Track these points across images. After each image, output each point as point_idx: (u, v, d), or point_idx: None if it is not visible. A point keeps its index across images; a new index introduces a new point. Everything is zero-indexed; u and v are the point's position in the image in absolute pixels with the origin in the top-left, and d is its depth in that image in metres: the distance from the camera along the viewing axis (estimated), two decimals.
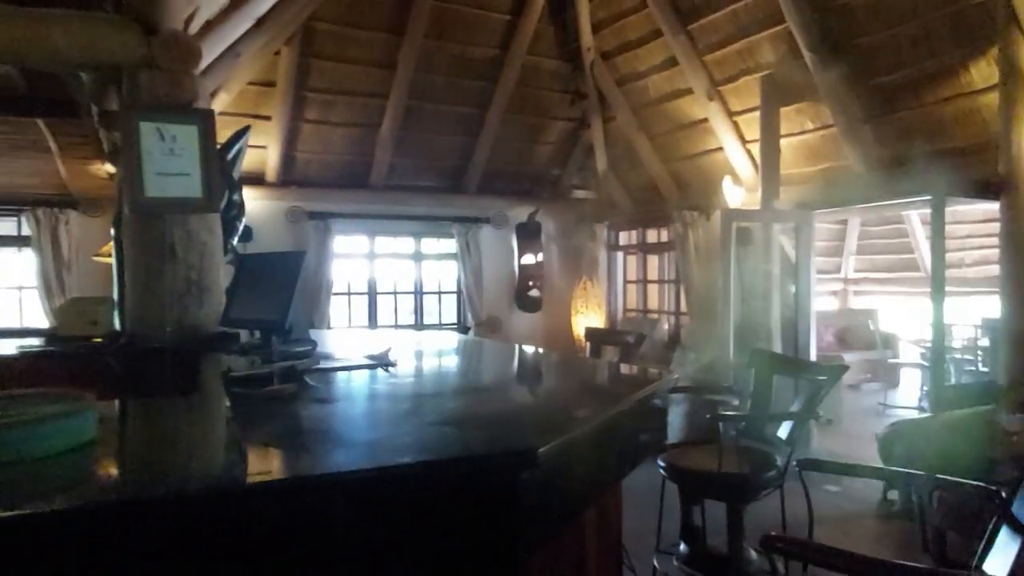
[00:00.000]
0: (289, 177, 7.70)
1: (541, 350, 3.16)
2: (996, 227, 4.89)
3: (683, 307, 7.60)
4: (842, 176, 6.00)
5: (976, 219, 9.78)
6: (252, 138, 7.48)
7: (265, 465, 1.15)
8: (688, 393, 5.98)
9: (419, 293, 8.49)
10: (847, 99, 5.61)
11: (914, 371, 9.45)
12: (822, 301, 11.84)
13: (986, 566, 1.30)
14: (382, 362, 2.17)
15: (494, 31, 7.52)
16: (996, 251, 5.34)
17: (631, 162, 8.17)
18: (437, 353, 2.98)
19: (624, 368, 2.84)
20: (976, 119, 4.99)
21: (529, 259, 8.69)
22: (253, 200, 7.42)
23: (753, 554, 2.98)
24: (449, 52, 7.50)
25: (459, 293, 8.54)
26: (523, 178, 8.81)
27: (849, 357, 9.59)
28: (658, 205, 7.77)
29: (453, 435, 1.27)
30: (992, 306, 10.05)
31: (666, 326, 7.79)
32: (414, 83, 7.40)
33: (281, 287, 2.41)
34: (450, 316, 8.87)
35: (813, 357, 6.30)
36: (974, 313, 10.01)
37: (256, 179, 7.49)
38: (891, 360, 9.43)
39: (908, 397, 8.99)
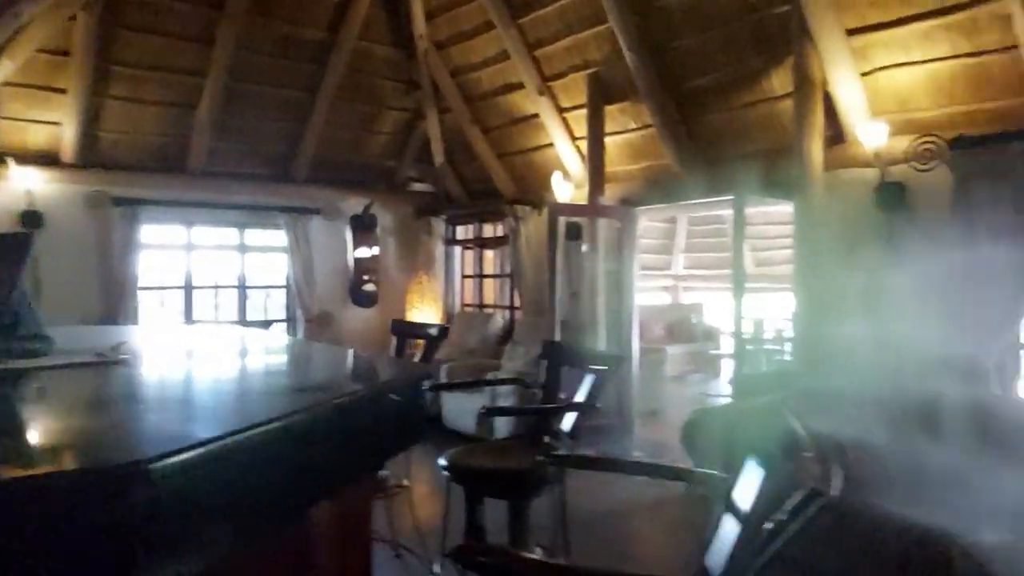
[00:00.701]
0: (91, 158, 6.89)
1: (306, 343, 2.93)
2: None
3: (517, 302, 7.62)
4: (662, 175, 6.23)
5: (785, 220, 10.63)
6: (43, 112, 6.67)
7: None
8: (516, 387, 5.96)
9: (243, 287, 7.92)
10: (664, 100, 5.81)
11: (731, 362, 10.11)
12: (653, 296, 12.44)
13: (708, 556, 1.26)
14: (107, 359, 1.86)
15: (324, 12, 7.14)
16: None
17: (467, 155, 8.08)
18: (188, 351, 2.65)
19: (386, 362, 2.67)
20: (776, 124, 5.32)
21: (364, 252, 8.37)
22: (45, 183, 6.59)
23: (540, 552, 2.93)
24: (275, 31, 7.04)
25: (288, 287, 8.06)
26: (357, 168, 8.47)
27: (674, 349, 10.12)
28: (494, 200, 7.73)
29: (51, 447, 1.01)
30: None
31: (500, 321, 7.78)
32: (236, 62, 6.87)
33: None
34: (279, 311, 8.36)
35: (636, 350, 6.51)
36: (788, 307, 10.90)
37: (48, 159, 6.65)
38: (712, 352, 10.03)
39: (727, 386, 9.60)
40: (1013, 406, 3.94)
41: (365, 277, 8.40)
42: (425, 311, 8.22)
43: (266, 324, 7.96)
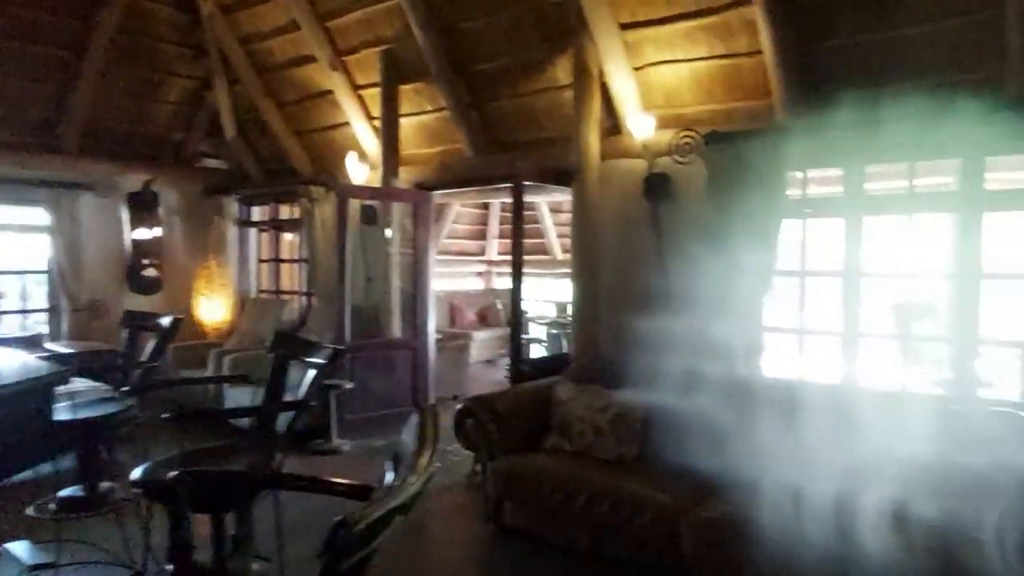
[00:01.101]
0: None
1: None
2: None
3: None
4: (456, 159, 6.17)
5: None
6: None
7: None
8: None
9: None
10: (455, 82, 5.74)
11: (538, 346, 10.37)
12: (468, 282, 12.50)
13: None
14: None
15: None
16: None
17: (262, 131, 7.57)
18: None
19: None
20: (561, 113, 5.41)
21: (144, 234, 7.60)
22: None
23: (257, 566, 2.74)
24: None
25: (51, 273, 7.12)
26: (138, 140, 7.65)
27: (483, 335, 10.22)
28: (290, 179, 7.30)
29: None
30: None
31: (297, 308, 7.39)
32: None
33: None
34: (40, 300, 7.40)
35: (432, 336, 6.43)
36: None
37: None
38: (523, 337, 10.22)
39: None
40: (757, 380, 4.29)
41: (145, 261, 7.65)
42: (214, 298, 7.63)
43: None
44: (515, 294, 4.80)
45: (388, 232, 6.38)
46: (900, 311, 6.75)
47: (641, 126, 4.68)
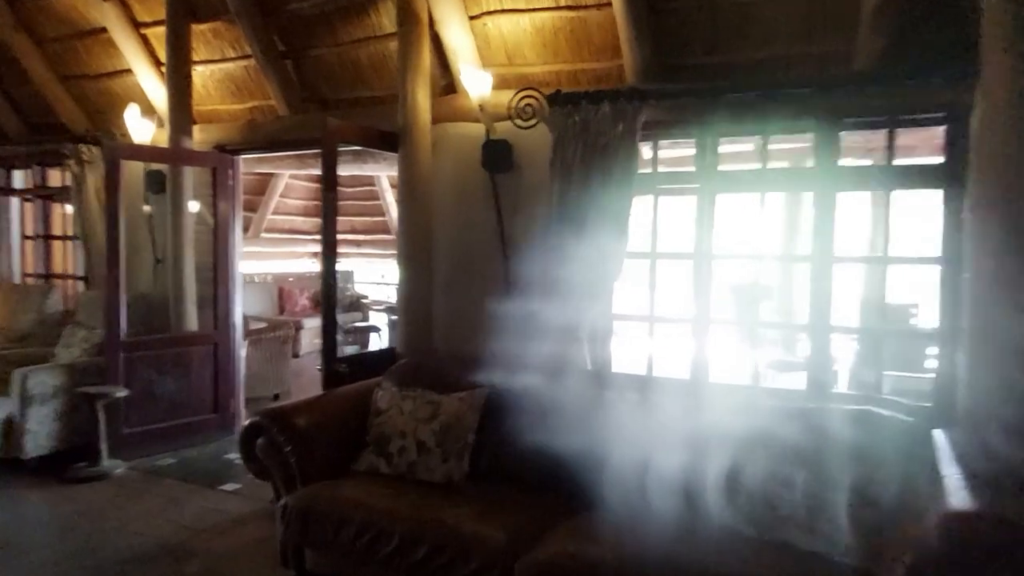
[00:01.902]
0: None
1: None
2: None
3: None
4: (269, 118, 5.20)
5: None
6: None
7: None
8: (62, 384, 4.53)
9: None
10: (261, 23, 4.78)
11: (376, 336, 9.55)
12: (304, 264, 11.37)
13: None
14: None
15: None
16: None
17: (21, 77, 6.11)
18: None
19: None
20: (388, 66, 4.64)
21: None
22: None
23: None
24: None
25: None
26: None
27: (317, 322, 9.22)
28: (59, 137, 5.92)
29: None
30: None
31: (68, 296, 6.08)
32: None
33: None
34: None
35: (238, 327, 5.43)
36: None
37: None
38: (359, 324, 9.32)
39: None
40: (604, 373, 3.80)
41: None
42: None
43: None
44: (327, 277, 3.97)
45: (193, 205, 5.28)
46: (740, 292, 6.67)
47: (477, 84, 4.00)
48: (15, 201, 6.64)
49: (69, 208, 6.68)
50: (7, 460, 4.47)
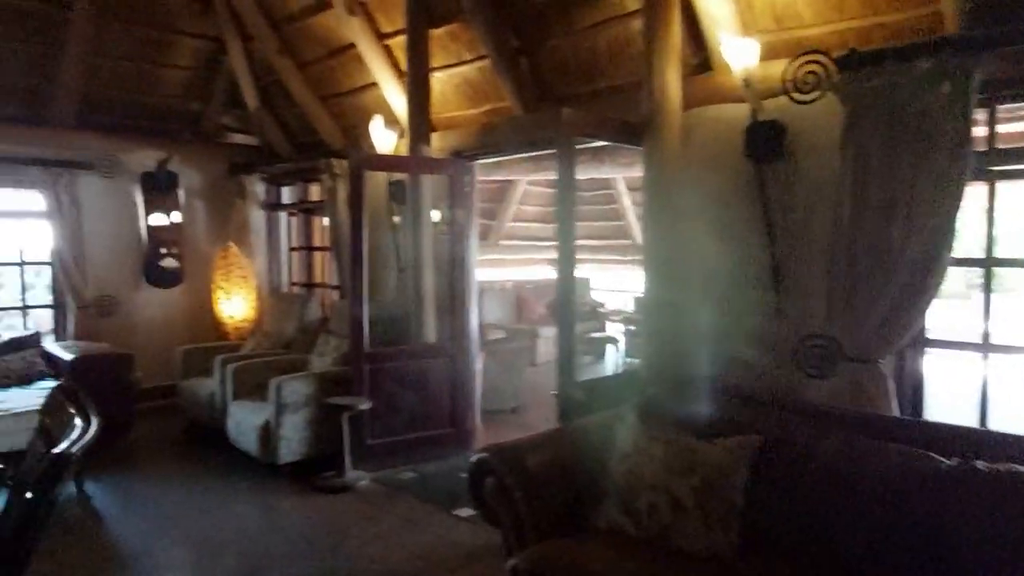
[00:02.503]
0: None
1: None
2: None
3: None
4: (502, 120, 4.94)
5: None
6: None
7: None
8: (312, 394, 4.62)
9: None
10: (496, 20, 4.49)
11: (613, 348, 9.05)
12: (541, 271, 11.25)
13: None
14: None
15: None
16: None
17: (287, 99, 6.56)
18: None
19: None
20: (630, 50, 4.09)
21: (160, 220, 6.76)
22: None
23: None
24: None
25: (53, 264, 6.36)
26: (145, 112, 6.79)
27: (551, 331, 8.96)
28: (319, 154, 6.24)
29: None
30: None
31: (323, 304, 6.39)
32: None
33: None
34: (46, 296, 6.68)
35: (474, 340, 5.24)
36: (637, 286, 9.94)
37: None
38: (595, 335, 8.89)
39: (607, 371, 8.52)
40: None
41: (163, 250, 6.81)
42: (233, 292, 6.70)
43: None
44: (564, 287, 3.49)
45: (435, 214, 5.22)
46: None
47: (741, 54, 3.29)
48: (283, 215, 7.18)
49: (327, 221, 7.08)
50: (265, 465, 4.67)
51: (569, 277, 3.34)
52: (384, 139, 5.28)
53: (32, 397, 4.64)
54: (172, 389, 6.03)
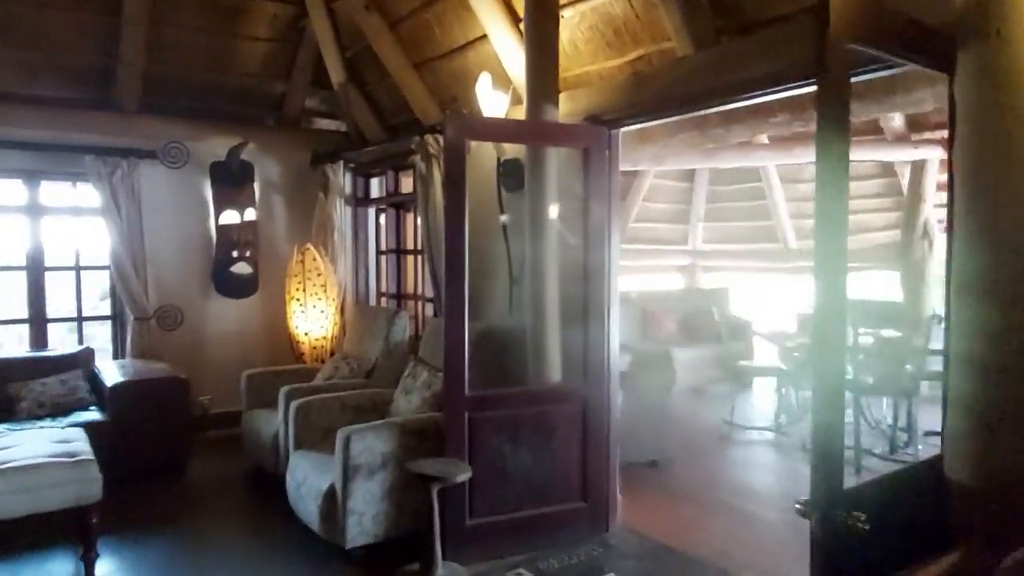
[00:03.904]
0: None
1: None
2: None
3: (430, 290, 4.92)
4: (662, 67, 3.47)
5: (867, 171, 7.77)
6: None
7: None
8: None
9: (37, 269, 5.31)
10: None
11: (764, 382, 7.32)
12: (666, 279, 9.65)
13: None
14: None
15: None
16: None
17: (377, 70, 5.37)
18: None
19: None
20: None
21: (233, 217, 5.75)
22: None
23: None
24: None
25: (111, 269, 5.43)
26: (220, 93, 5.81)
27: (688, 353, 7.38)
28: (412, 133, 4.99)
29: None
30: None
31: (416, 319, 5.14)
32: None
33: None
34: (102, 305, 5.80)
35: (615, 378, 3.79)
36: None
37: None
38: (741, 363, 7.18)
39: (762, 409, 6.83)
40: None
41: (235, 254, 5.79)
42: (310, 306, 5.54)
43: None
44: (827, 303, 1.89)
45: (553, 210, 3.81)
46: None
47: None
48: (372, 212, 6.00)
49: (411, 215, 5.84)
50: (328, 545, 3.40)
51: (837, 286, 1.81)
52: (493, 105, 3.94)
53: (45, 443, 3.51)
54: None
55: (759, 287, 9.60)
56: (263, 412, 4.64)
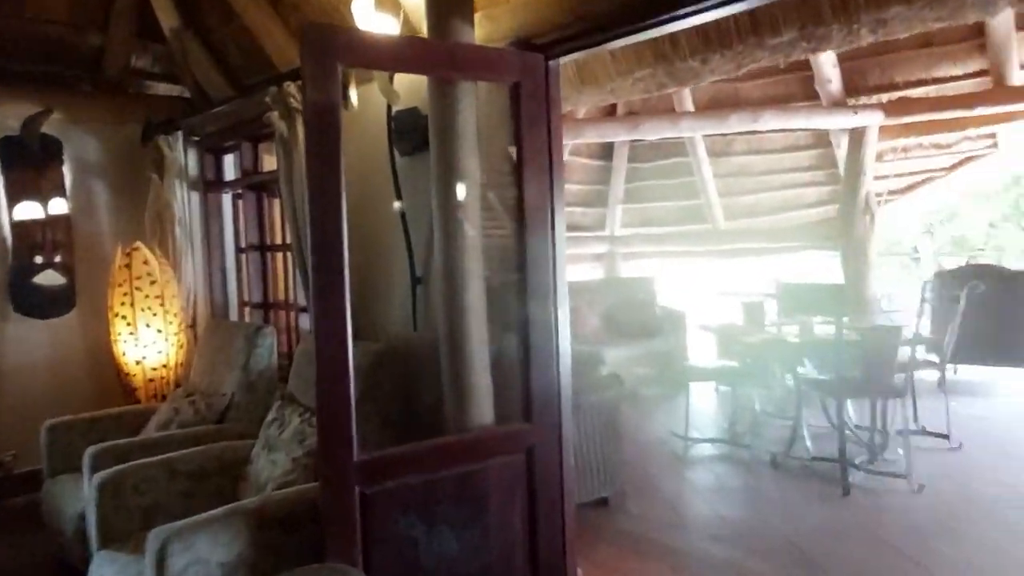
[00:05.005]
0: None
1: None
2: None
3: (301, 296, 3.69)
4: None
5: (799, 143, 7.08)
6: None
7: None
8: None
9: None
10: None
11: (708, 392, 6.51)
12: (581, 270, 8.73)
13: None
14: None
15: None
16: None
17: (224, 9, 4.06)
18: None
19: None
20: None
21: (34, 210, 4.29)
22: None
23: None
24: None
25: None
26: (10, 44, 4.31)
27: (617, 352, 6.46)
28: (269, 83, 3.72)
29: None
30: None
31: (288, 335, 3.91)
32: None
33: None
34: None
35: (566, 413, 2.72)
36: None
37: None
38: (690, 363, 6.28)
39: (709, 415, 6.00)
40: None
41: (40, 259, 4.34)
42: (142, 321, 4.14)
43: None
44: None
45: (461, 189, 2.64)
46: None
47: None
48: (227, 199, 4.68)
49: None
50: None
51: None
52: (380, 26, 2.77)
53: None
54: None
55: (687, 273, 8.86)
56: (69, 480, 3.28)
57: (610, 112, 7.27)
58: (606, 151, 8.07)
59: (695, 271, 8.88)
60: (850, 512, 3.80)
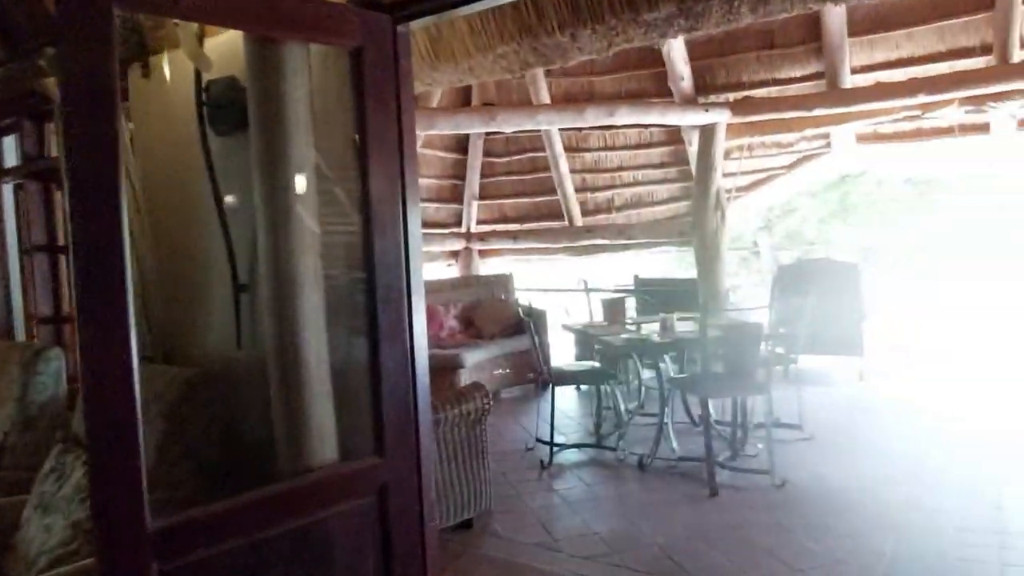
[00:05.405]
0: None
1: None
2: None
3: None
4: None
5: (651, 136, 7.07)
6: None
7: None
8: None
9: None
10: None
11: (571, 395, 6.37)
12: (436, 268, 8.36)
13: None
14: None
15: None
16: None
17: None
18: None
19: None
20: None
21: None
22: None
23: None
24: None
25: None
26: None
27: (475, 355, 6.19)
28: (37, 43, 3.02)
29: None
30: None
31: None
32: None
33: None
34: None
35: (427, 395, 2.33)
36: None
37: None
38: (558, 365, 6.06)
39: (571, 416, 5.84)
40: None
41: None
42: None
43: None
44: None
45: (301, 181, 2.15)
46: None
47: None
48: (7, 190, 3.85)
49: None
50: None
51: None
52: None
53: None
54: None
55: (543, 271, 8.74)
56: None
57: (465, 103, 6.96)
58: (461, 144, 7.75)
59: (554, 269, 8.78)
60: (719, 514, 3.71)
